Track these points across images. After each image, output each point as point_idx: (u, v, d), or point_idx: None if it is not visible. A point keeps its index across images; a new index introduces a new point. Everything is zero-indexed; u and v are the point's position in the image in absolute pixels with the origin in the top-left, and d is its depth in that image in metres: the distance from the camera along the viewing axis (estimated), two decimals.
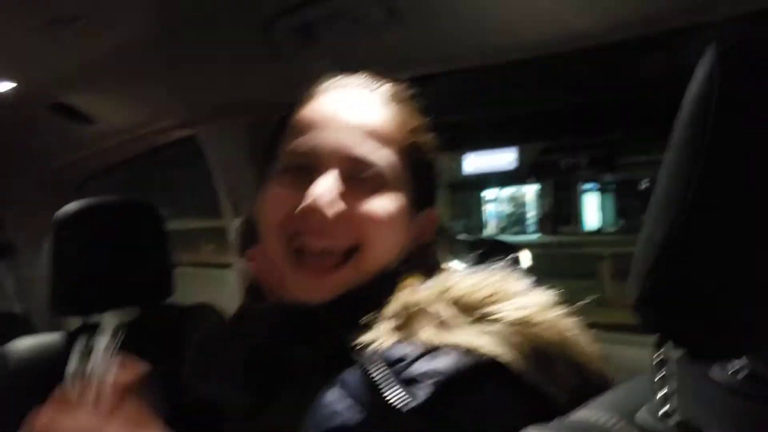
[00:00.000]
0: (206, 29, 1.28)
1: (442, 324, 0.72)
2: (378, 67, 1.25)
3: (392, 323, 0.74)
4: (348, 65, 1.32)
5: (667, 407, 0.60)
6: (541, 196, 23.42)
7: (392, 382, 0.67)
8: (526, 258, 0.89)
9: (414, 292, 0.77)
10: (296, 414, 0.74)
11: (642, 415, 0.60)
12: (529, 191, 23.79)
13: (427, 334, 0.71)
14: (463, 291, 0.74)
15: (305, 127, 0.82)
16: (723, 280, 0.53)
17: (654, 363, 0.61)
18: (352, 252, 0.80)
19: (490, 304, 0.73)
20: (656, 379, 0.61)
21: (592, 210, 22.97)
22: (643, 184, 20.57)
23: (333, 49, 1.26)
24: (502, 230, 23.06)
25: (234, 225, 1.82)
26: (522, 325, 0.71)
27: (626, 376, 0.73)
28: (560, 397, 0.69)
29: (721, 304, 0.54)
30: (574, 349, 0.73)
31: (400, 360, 0.69)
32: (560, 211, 23.15)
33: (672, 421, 0.59)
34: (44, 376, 1.40)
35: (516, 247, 0.92)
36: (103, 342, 0.80)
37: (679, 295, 0.55)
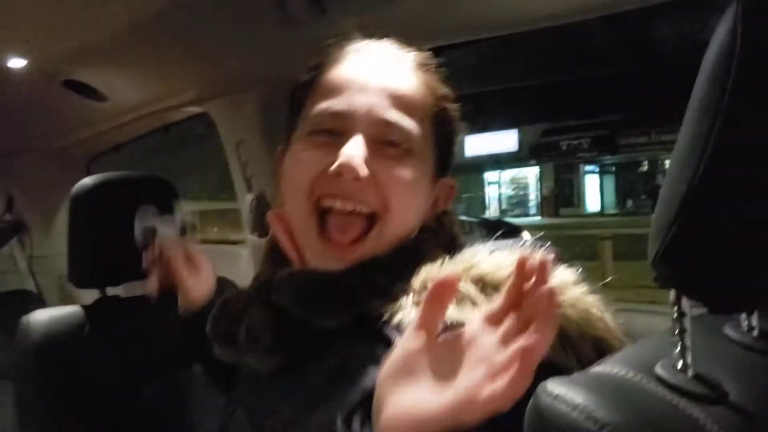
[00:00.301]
0: (219, 3, 1.28)
1: (466, 300, 0.72)
2: (389, 39, 1.27)
3: (417, 297, 0.75)
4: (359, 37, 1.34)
5: (683, 361, 0.62)
6: (542, 178, 23.39)
7: None
8: (527, 239, 0.90)
9: (439, 266, 0.78)
10: (319, 379, 0.76)
11: (660, 369, 0.62)
12: (531, 173, 23.76)
13: (451, 309, 0.69)
14: (488, 269, 0.75)
15: (334, 89, 0.83)
16: (739, 237, 0.55)
17: (672, 318, 0.63)
18: (375, 217, 0.81)
19: None
20: (673, 335, 0.63)
21: (594, 192, 22.94)
22: (645, 166, 20.55)
23: (345, 22, 1.28)
24: (504, 213, 23.05)
25: (247, 200, 1.84)
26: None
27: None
28: (576, 368, 0.68)
29: (737, 259, 0.56)
30: (597, 326, 0.74)
31: None
32: (561, 193, 23.14)
33: (689, 374, 0.61)
34: (64, 348, 1.45)
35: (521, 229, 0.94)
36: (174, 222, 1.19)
37: (697, 251, 0.57)
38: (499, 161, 22.80)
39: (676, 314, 0.63)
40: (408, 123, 0.82)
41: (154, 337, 1.49)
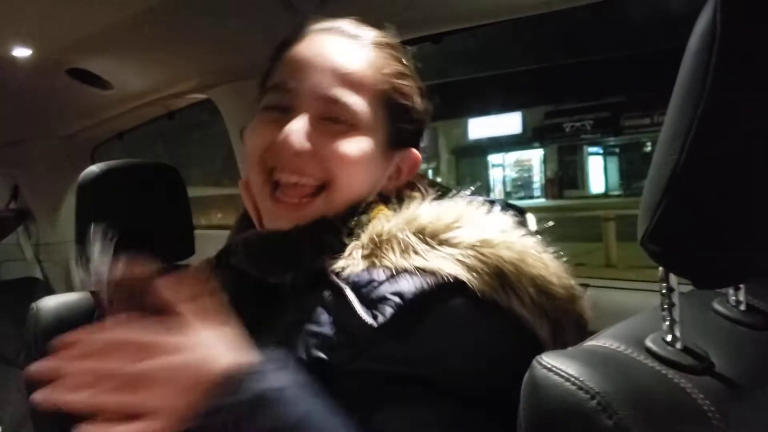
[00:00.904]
0: None
1: (408, 250, 0.79)
2: (389, 26, 1.28)
3: (363, 251, 0.81)
4: None
5: (671, 334, 0.65)
6: (546, 160, 23.37)
7: (362, 302, 0.75)
8: (531, 221, 0.93)
9: (383, 222, 0.83)
10: (275, 334, 0.80)
11: (649, 342, 0.65)
12: (535, 156, 23.74)
13: (395, 259, 0.78)
14: (428, 219, 0.81)
15: (288, 68, 0.88)
16: (721, 216, 0.58)
17: (661, 294, 0.66)
18: (323, 187, 0.86)
19: (452, 229, 0.80)
20: (662, 309, 0.66)
21: (597, 173, 22.92)
22: (648, 147, 20.50)
23: (346, 11, 1.30)
24: (508, 195, 23.05)
25: None
26: (481, 246, 0.78)
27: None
28: (521, 309, 0.76)
29: (718, 237, 0.59)
30: (532, 268, 0.78)
31: (369, 283, 0.76)
32: (565, 175, 23.13)
33: (678, 346, 0.64)
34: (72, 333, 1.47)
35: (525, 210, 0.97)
36: (96, 248, 0.87)
37: (682, 230, 0.60)
38: (503, 144, 22.78)
39: (664, 290, 0.65)
40: (353, 99, 0.86)
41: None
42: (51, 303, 1.50)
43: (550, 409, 0.57)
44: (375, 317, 0.73)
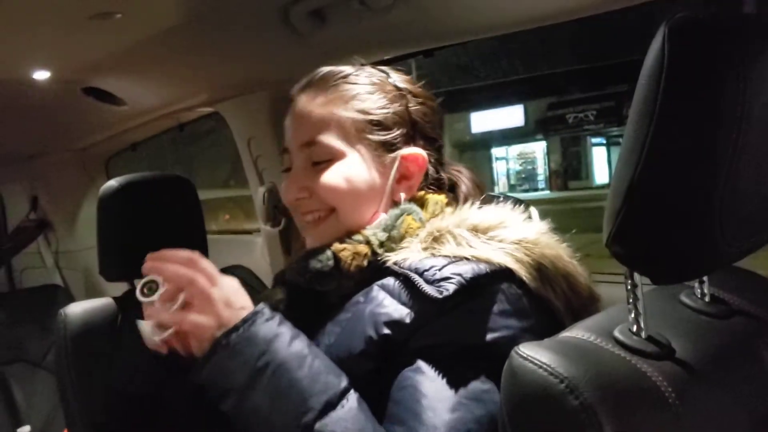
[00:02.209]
0: (228, 17, 1.38)
1: (462, 243, 0.92)
2: (384, 43, 1.37)
3: (422, 245, 0.95)
4: (357, 43, 1.43)
5: (636, 325, 0.73)
6: (550, 152, 23.30)
7: (426, 282, 0.87)
8: (535, 215, 1.03)
9: (440, 219, 0.97)
10: (333, 335, 0.94)
11: (617, 333, 0.73)
12: (538, 148, 23.67)
13: (452, 249, 0.91)
14: (479, 219, 0.95)
15: (285, 134, 1.06)
16: (673, 219, 0.67)
17: (626, 290, 0.75)
18: (333, 209, 1.01)
19: (499, 228, 0.94)
20: (628, 303, 0.75)
21: (602, 164, 22.84)
22: None
23: (344, 30, 1.38)
24: (512, 188, 22.98)
25: (259, 193, 1.95)
26: (525, 243, 0.92)
27: None
28: (556, 301, 0.91)
29: (673, 239, 0.68)
30: (567, 265, 0.94)
31: (432, 267, 0.89)
32: (569, 166, 23.06)
33: (642, 336, 0.73)
34: (100, 337, 1.55)
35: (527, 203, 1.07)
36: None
37: (641, 233, 0.69)
38: (506, 136, 22.71)
39: (629, 286, 0.74)
40: (323, 136, 1.00)
41: None
42: (78, 309, 1.57)
43: (525, 393, 0.65)
44: (440, 293, 0.85)
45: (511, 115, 21.77)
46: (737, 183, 0.65)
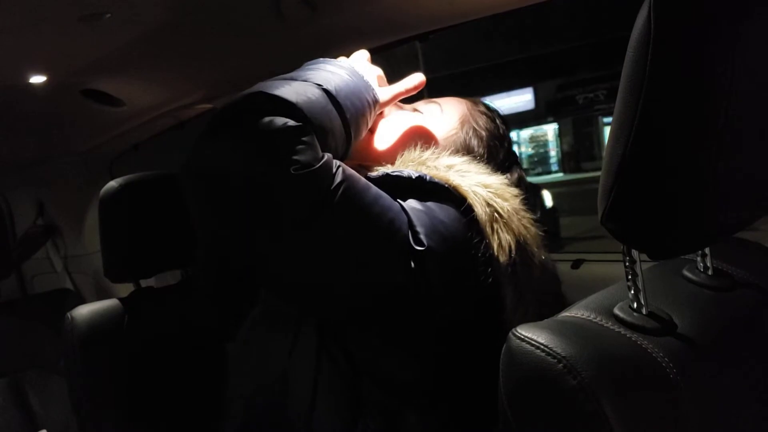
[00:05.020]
0: (217, 11, 1.37)
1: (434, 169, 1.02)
2: (378, 29, 1.35)
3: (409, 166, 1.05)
4: (350, 31, 1.41)
5: (637, 302, 0.72)
6: (561, 133, 23.18)
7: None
8: (548, 198, 1.02)
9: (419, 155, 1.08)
10: None
11: (617, 310, 0.72)
12: (550, 130, 23.54)
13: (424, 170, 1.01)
14: (455, 161, 1.05)
15: None
16: (666, 193, 0.65)
17: (625, 266, 0.73)
18: None
19: (471, 173, 1.03)
20: (627, 280, 0.73)
21: None
22: None
23: (335, 18, 1.36)
24: (526, 172, 22.85)
25: None
26: (490, 188, 0.99)
27: None
28: (493, 244, 0.95)
29: (666, 214, 0.66)
30: (519, 220, 0.99)
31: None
32: (582, 147, 22.92)
33: (643, 312, 0.71)
34: (107, 338, 1.56)
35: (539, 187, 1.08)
36: None
37: (634, 209, 0.67)
38: (517, 120, 22.60)
39: (627, 262, 0.73)
40: None
41: (190, 318, 1.61)
42: (84, 311, 1.58)
43: (523, 375, 0.64)
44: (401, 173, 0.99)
45: (521, 99, 21.66)
46: (731, 152, 0.63)
